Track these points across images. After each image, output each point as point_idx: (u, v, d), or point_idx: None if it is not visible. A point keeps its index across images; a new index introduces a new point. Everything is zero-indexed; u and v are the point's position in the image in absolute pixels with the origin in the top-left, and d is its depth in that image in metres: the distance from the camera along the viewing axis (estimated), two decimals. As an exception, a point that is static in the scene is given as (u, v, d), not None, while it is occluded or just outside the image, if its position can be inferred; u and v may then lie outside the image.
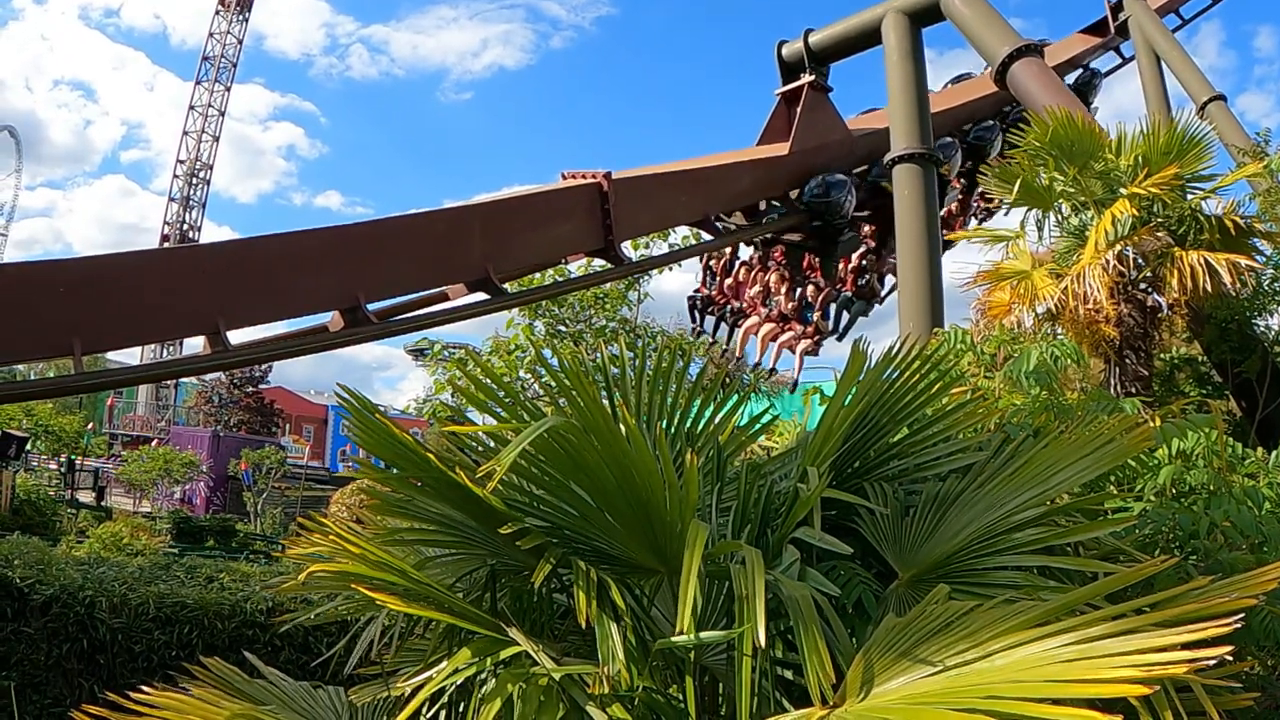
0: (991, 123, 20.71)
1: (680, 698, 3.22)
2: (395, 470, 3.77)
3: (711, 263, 18.44)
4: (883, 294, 18.60)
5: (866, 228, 18.01)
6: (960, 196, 21.33)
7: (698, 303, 18.51)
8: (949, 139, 18.65)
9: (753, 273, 17.76)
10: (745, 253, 18.35)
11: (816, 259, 17.27)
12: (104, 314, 8.77)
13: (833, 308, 17.69)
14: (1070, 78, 22.00)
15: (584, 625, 3.02)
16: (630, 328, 27.21)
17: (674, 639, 2.86)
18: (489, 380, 4.21)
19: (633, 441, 3.20)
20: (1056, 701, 2.22)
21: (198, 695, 3.61)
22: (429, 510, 3.77)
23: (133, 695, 3.39)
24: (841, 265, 17.78)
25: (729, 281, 17.90)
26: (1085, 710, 2.15)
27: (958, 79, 23.37)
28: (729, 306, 18.04)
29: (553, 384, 4.07)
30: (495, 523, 3.50)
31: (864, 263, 18.06)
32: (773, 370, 18.35)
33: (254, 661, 4.36)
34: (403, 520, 3.91)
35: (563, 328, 24.68)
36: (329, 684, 4.60)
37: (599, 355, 4.75)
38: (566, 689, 2.99)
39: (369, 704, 4.07)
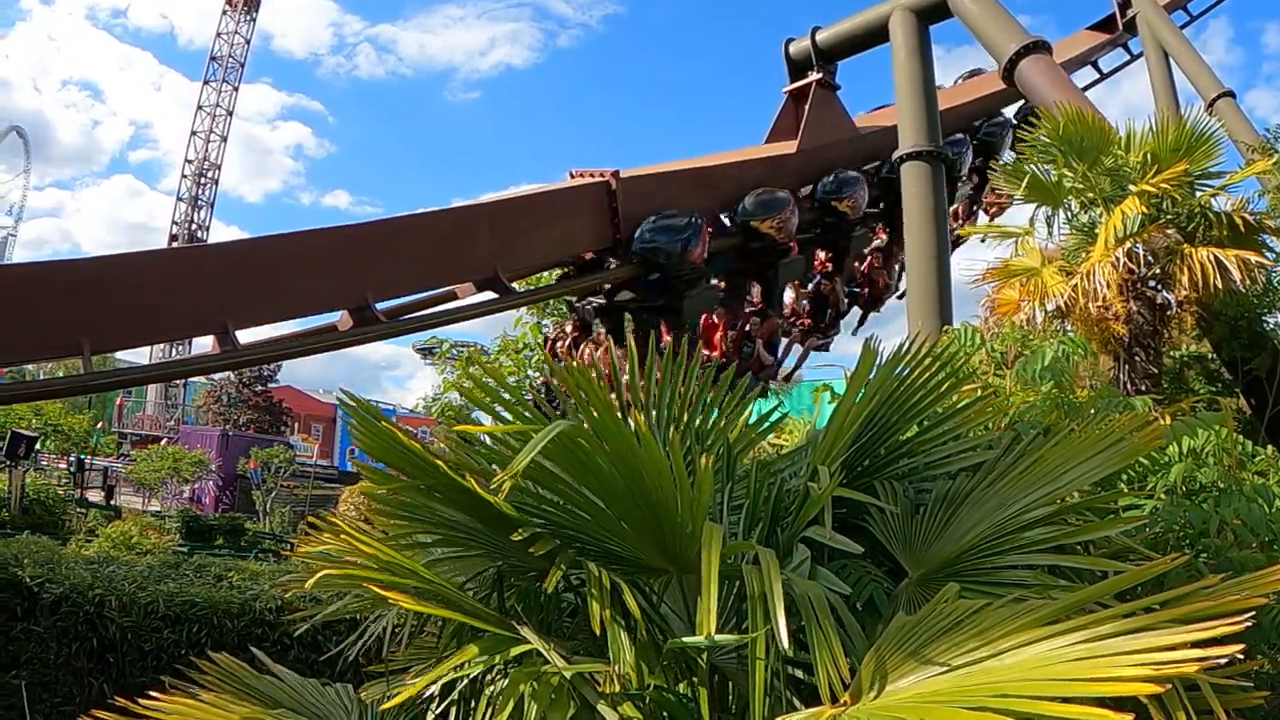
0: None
1: (690, 695, 3.22)
2: (400, 475, 3.76)
3: None
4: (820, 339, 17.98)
5: (820, 253, 17.58)
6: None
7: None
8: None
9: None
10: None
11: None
12: (112, 314, 8.80)
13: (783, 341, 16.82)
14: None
15: (599, 630, 3.02)
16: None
17: (687, 639, 2.86)
18: (493, 381, 4.21)
19: (643, 443, 3.19)
20: (1067, 700, 2.21)
21: (207, 699, 3.62)
22: (436, 514, 3.77)
23: (141, 700, 3.39)
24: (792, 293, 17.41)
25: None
26: (1096, 709, 2.14)
27: (971, 74, 23.16)
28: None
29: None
30: (503, 526, 3.50)
31: (820, 288, 17.61)
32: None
33: (261, 658, 4.36)
34: (409, 525, 3.91)
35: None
36: (339, 681, 4.61)
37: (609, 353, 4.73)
38: (578, 687, 2.99)
39: (378, 701, 4.07)
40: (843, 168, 16.85)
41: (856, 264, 18.84)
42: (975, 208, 21.95)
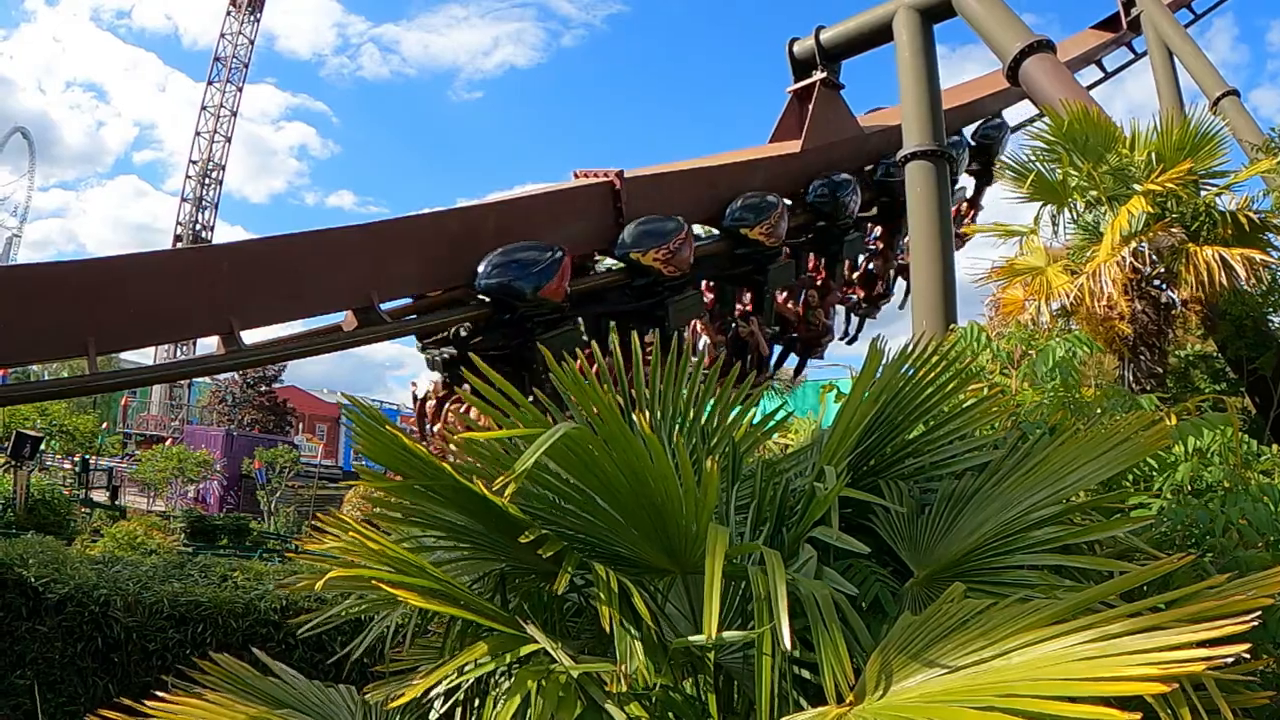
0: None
1: (695, 695, 3.22)
2: (401, 478, 3.76)
3: None
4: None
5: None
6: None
7: None
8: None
9: None
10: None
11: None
12: (117, 315, 8.82)
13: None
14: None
15: (608, 630, 3.02)
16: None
17: (693, 638, 2.85)
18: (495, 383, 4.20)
19: (648, 445, 3.19)
20: (1074, 699, 2.21)
21: (212, 699, 3.62)
22: (438, 517, 3.77)
23: (147, 701, 3.40)
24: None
25: None
26: (1103, 708, 2.14)
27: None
28: None
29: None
30: (507, 528, 3.50)
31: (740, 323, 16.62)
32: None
33: (264, 659, 4.36)
34: (411, 528, 3.91)
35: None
36: (343, 682, 4.61)
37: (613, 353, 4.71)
38: (585, 686, 2.99)
39: (383, 703, 4.07)
40: (849, 167, 16.88)
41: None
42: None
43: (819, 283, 17.55)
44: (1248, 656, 2.36)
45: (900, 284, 20.02)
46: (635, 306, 13.33)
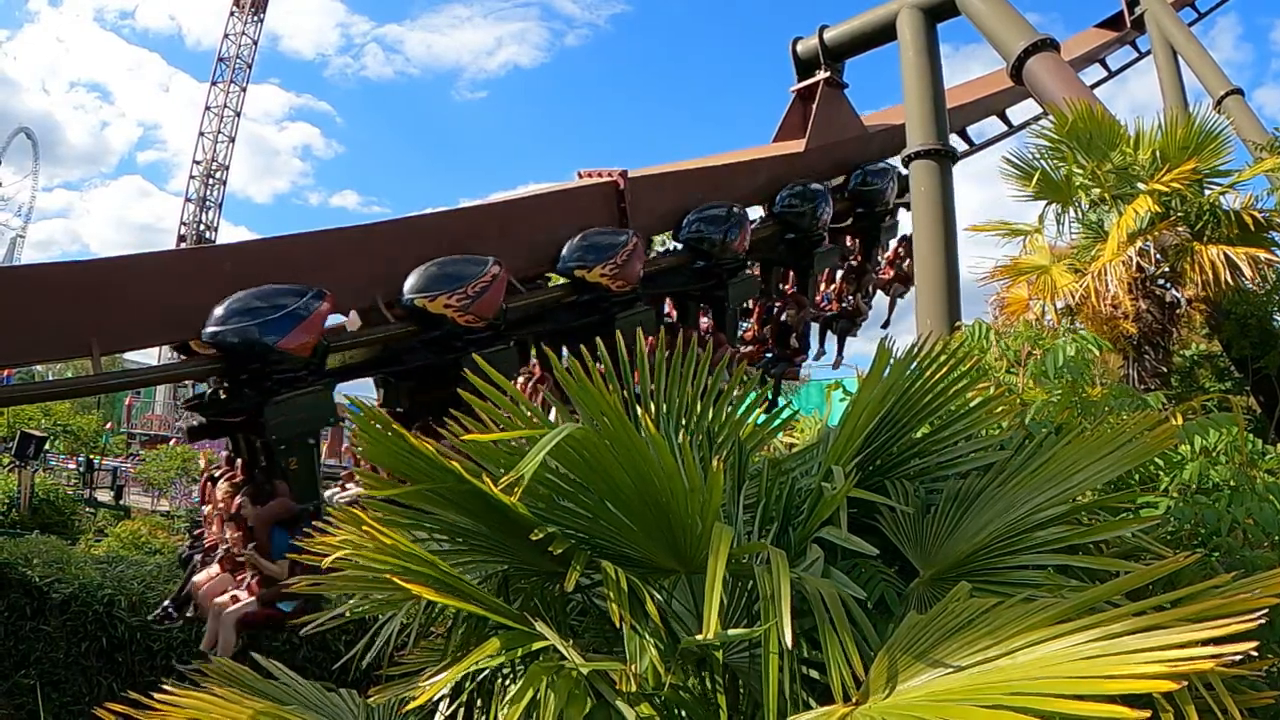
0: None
1: (702, 694, 3.22)
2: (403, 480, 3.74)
3: None
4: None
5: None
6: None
7: None
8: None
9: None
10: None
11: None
12: (121, 315, 8.81)
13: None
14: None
15: (621, 628, 3.02)
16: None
17: (700, 638, 2.85)
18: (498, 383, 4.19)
19: (653, 445, 3.18)
20: (1082, 697, 2.20)
21: (220, 693, 3.62)
22: (440, 519, 3.77)
23: (155, 695, 3.40)
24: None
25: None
26: (1113, 706, 2.13)
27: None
28: None
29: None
30: (511, 528, 3.50)
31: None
32: None
33: (263, 662, 4.36)
34: (416, 532, 3.90)
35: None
36: (347, 681, 4.61)
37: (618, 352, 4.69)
38: (594, 684, 2.99)
39: (385, 705, 4.06)
40: (852, 166, 16.83)
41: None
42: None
43: (790, 298, 17.03)
44: (1255, 654, 2.36)
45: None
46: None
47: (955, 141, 17.42)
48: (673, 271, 14.05)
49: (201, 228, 79.63)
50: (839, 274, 18.43)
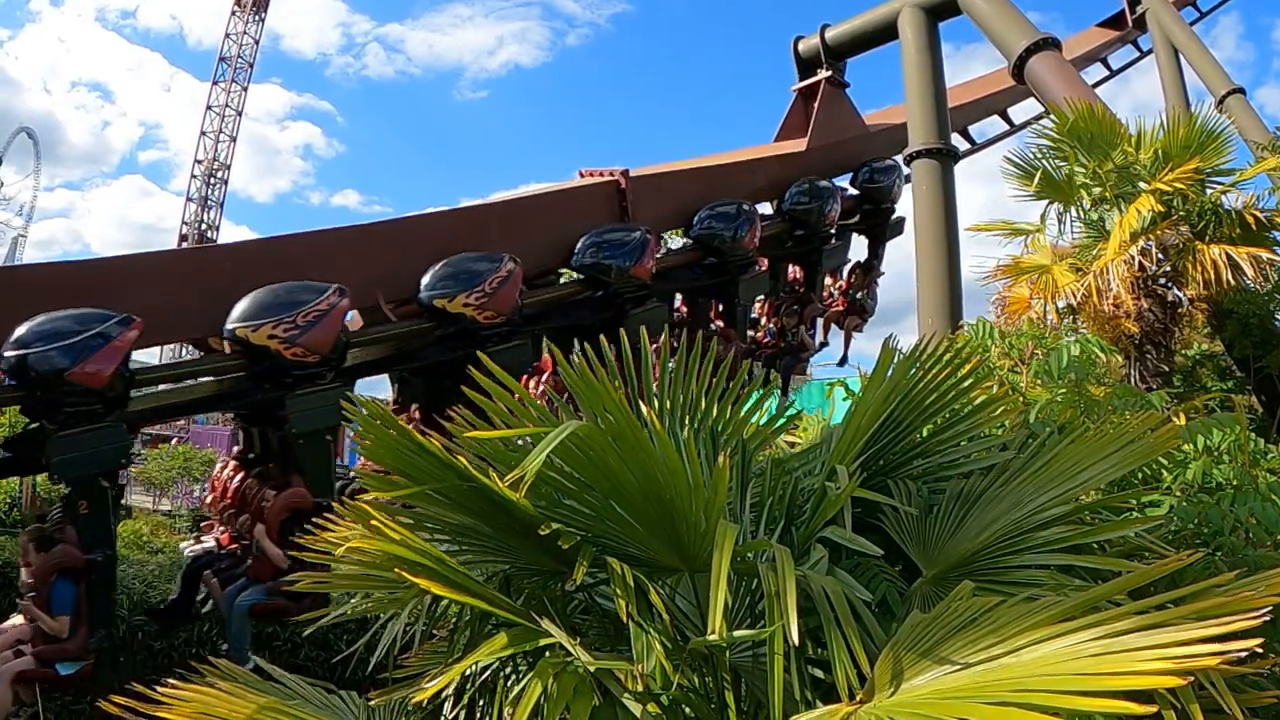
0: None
1: (706, 692, 3.22)
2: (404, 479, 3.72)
3: None
4: None
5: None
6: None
7: None
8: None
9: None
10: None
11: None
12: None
13: None
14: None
15: (626, 624, 3.02)
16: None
17: (709, 638, 2.85)
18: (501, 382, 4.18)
19: (658, 443, 3.18)
20: (1087, 694, 2.20)
21: (224, 687, 3.62)
22: (442, 519, 3.76)
23: (159, 688, 3.40)
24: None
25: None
26: (1119, 701, 2.13)
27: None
28: None
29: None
30: (515, 527, 3.50)
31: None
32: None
33: (263, 665, 4.36)
34: (419, 532, 3.90)
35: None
36: (350, 680, 4.61)
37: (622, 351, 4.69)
38: (602, 680, 2.99)
39: (386, 706, 4.06)
40: (855, 165, 16.82)
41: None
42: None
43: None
44: (1260, 651, 2.36)
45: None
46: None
47: (957, 140, 17.44)
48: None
49: (203, 227, 79.69)
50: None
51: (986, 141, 20.36)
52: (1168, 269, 10.43)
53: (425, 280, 10.62)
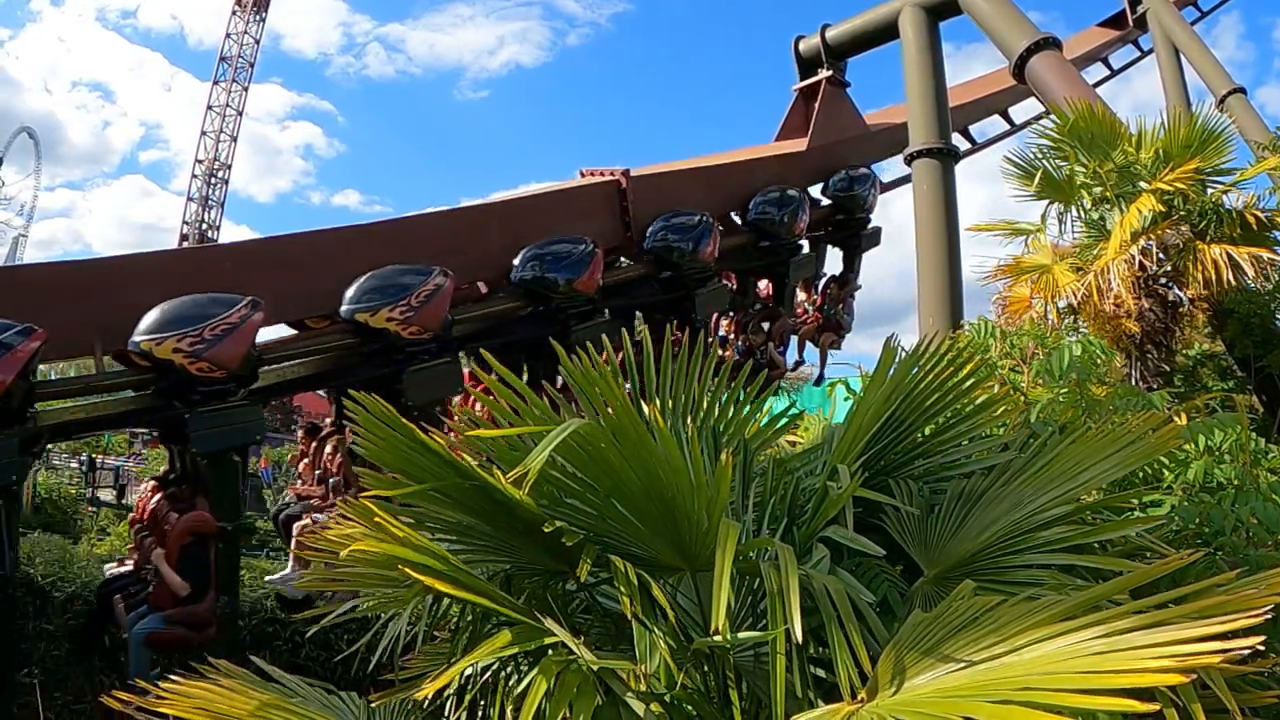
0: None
1: (708, 692, 3.22)
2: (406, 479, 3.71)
3: None
4: None
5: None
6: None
7: None
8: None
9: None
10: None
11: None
12: (124, 314, 8.79)
13: None
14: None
15: (630, 621, 3.02)
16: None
17: (713, 638, 2.84)
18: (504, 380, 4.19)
19: (659, 437, 3.18)
20: (1089, 692, 2.20)
21: (226, 685, 3.61)
22: (443, 518, 3.76)
23: (161, 684, 3.40)
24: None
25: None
26: (1121, 699, 2.13)
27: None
28: None
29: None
30: (516, 527, 3.50)
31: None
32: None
33: (262, 665, 4.35)
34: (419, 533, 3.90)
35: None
36: (351, 681, 4.61)
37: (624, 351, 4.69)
38: (605, 679, 2.99)
39: (387, 707, 4.06)
40: (856, 164, 16.80)
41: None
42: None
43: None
44: (1261, 650, 2.36)
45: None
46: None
47: (957, 140, 17.43)
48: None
49: (204, 227, 79.67)
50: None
51: (987, 141, 20.34)
52: (1168, 269, 10.42)
53: (349, 293, 10.15)
